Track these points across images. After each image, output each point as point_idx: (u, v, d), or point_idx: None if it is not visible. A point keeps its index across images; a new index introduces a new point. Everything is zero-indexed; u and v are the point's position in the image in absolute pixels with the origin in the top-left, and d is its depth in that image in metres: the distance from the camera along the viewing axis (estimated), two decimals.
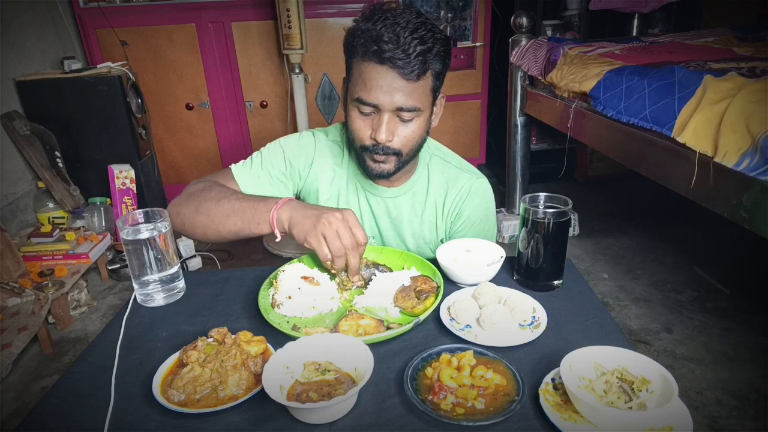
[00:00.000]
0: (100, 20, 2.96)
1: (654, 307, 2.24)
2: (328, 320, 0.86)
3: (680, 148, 1.46)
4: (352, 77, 0.96)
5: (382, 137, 0.95)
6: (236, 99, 3.34)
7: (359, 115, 0.98)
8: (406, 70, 0.90)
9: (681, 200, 1.61)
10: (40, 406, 0.70)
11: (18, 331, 1.89)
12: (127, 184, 2.73)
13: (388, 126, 0.95)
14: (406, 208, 1.13)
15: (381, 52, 0.89)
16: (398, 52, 0.88)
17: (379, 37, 0.89)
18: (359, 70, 0.94)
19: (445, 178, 1.14)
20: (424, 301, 0.85)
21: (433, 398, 0.66)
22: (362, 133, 0.98)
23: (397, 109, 0.94)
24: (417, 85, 0.93)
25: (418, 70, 0.90)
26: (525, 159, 2.91)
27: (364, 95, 0.93)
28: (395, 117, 0.96)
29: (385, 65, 0.90)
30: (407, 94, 0.93)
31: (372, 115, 0.96)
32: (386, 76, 0.91)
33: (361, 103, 0.95)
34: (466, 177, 1.13)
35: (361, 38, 0.91)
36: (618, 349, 0.68)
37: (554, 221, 0.88)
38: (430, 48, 0.91)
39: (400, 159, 1.01)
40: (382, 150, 0.98)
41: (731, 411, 1.68)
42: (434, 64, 0.93)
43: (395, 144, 0.98)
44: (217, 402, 0.67)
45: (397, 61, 0.89)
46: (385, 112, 0.94)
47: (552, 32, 3.23)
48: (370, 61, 0.91)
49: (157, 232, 0.90)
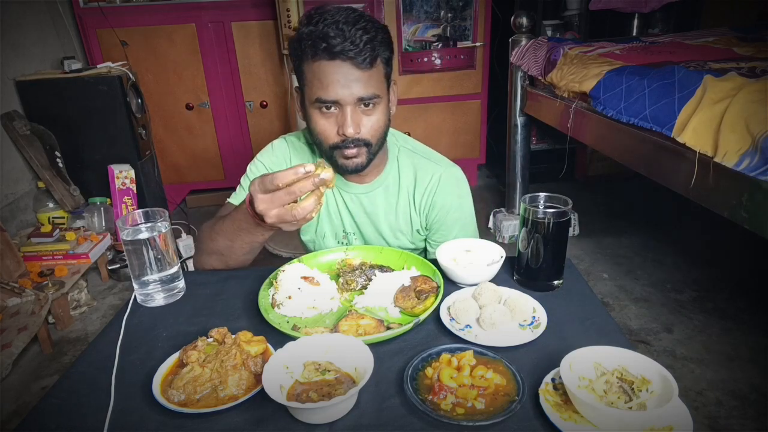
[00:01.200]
0: (100, 20, 2.97)
1: (654, 307, 2.24)
2: (328, 320, 0.86)
3: (680, 148, 1.46)
4: (306, 81, 0.98)
5: (350, 131, 0.96)
6: (236, 99, 3.34)
7: (321, 116, 0.99)
8: (358, 59, 0.92)
9: (681, 200, 1.61)
10: (40, 406, 0.70)
11: (18, 331, 1.89)
12: (127, 184, 2.73)
13: (353, 118, 0.96)
14: (380, 202, 1.15)
15: (331, 48, 0.91)
16: (347, 44, 0.91)
17: (326, 35, 0.91)
18: (312, 72, 0.95)
19: (414, 169, 1.15)
20: (424, 301, 0.85)
21: (433, 398, 0.66)
22: (328, 132, 0.99)
23: (358, 101, 0.96)
24: (371, 72, 0.95)
25: (369, 57, 0.93)
26: (525, 159, 2.91)
27: (322, 94, 0.95)
28: (357, 109, 0.97)
29: (337, 60, 0.92)
30: (365, 83, 0.95)
31: (334, 112, 0.98)
32: (340, 70, 0.93)
33: (322, 102, 0.96)
34: (433, 167, 1.15)
35: (308, 40, 0.93)
36: (618, 349, 0.68)
37: (554, 221, 0.88)
38: (375, 36, 0.94)
39: (370, 150, 1.02)
40: (352, 143, 0.99)
41: (731, 411, 1.67)
42: (382, 50, 0.96)
43: (364, 134, 0.99)
44: (217, 402, 0.67)
45: (348, 52, 0.91)
46: (347, 105, 0.95)
47: (552, 32, 3.23)
48: (321, 59, 0.93)
49: (157, 232, 0.90)
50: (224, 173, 3.52)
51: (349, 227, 1.18)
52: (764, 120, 1.23)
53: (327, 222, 1.18)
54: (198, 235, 1.11)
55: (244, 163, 3.70)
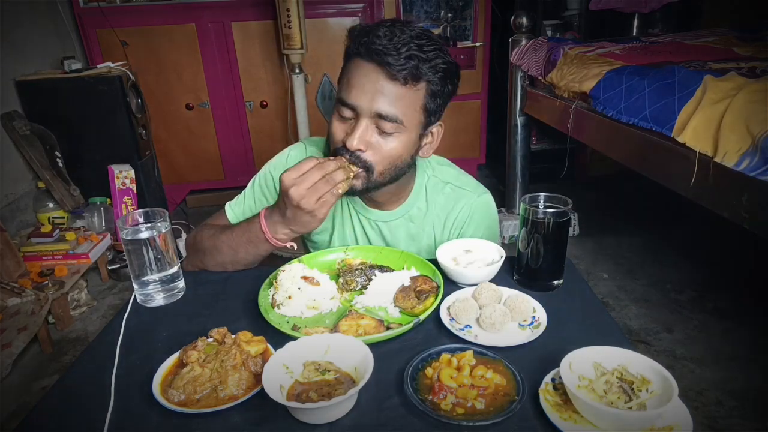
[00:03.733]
0: (100, 20, 2.97)
1: (654, 307, 2.24)
2: (327, 320, 0.86)
3: (680, 148, 1.46)
4: (341, 77, 0.91)
5: (352, 143, 0.87)
6: (236, 99, 3.34)
7: (338, 120, 0.91)
8: (394, 68, 0.83)
9: (681, 200, 1.61)
10: (40, 406, 0.70)
11: (18, 331, 1.89)
12: (127, 184, 2.73)
13: (362, 133, 0.87)
14: (401, 233, 1.08)
15: (370, 44, 0.83)
16: (389, 47, 0.83)
17: (373, 32, 0.84)
18: (347, 68, 0.89)
19: (445, 200, 1.07)
20: (424, 301, 0.84)
21: (433, 398, 0.66)
22: (337, 136, 0.91)
23: (376, 115, 0.87)
24: (404, 91, 0.86)
25: (406, 72, 0.84)
26: (525, 159, 2.91)
27: (344, 95, 0.88)
28: (373, 126, 0.88)
29: (372, 62, 0.85)
30: (391, 100, 0.85)
31: (351, 120, 0.90)
32: (371, 75, 0.85)
33: (341, 103, 0.89)
34: (466, 198, 1.07)
35: (355, 33, 0.87)
36: (618, 349, 0.68)
37: (554, 221, 0.88)
38: (429, 58, 0.85)
39: (370, 176, 0.91)
40: (350, 158, 0.89)
41: (731, 411, 1.67)
42: (430, 76, 0.86)
43: (367, 155, 0.89)
44: (217, 402, 0.67)
45: (385, 56, 0.83)
46: (364, 117, 0.87)
47: (552, 32, 3.23)
48: (358, 57, 0.87)
49: (157, 232, 0.90)
50: (224, 173, 3.52)
51: None
52: (764, 120, 1.23)
53: (341, 244, 1.10)
54: (189, 242, 1.06)
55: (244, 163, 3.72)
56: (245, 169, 3.48)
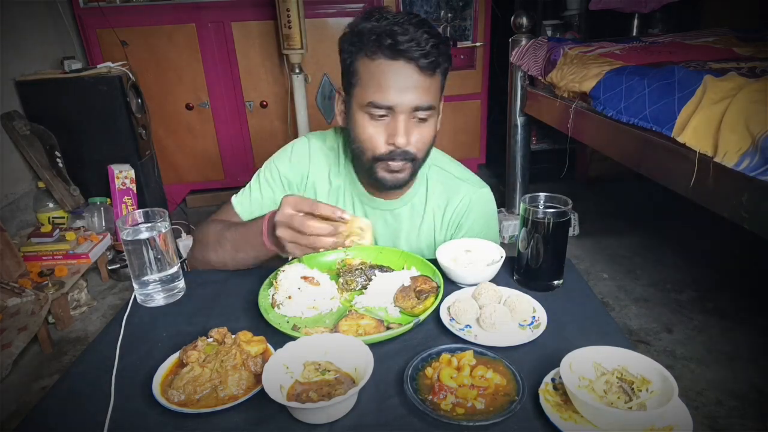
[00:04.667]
0: (100, 20, 2.97)
1: (654, 307, 2.24)
2: (328, 320, 0.86)
3: (680, 148, 1.46)
4: (360, 81, 0.91)
5: (401, 141, 0.90)
6: (236, 99, 3.34)
7: (371, 122, 0.92)
8: (421, 62, 0.86)
9: (681, 200, 1.61)
10: (40, 406, 0.70)
11: (18, 331, 1.89)
12: (127, 184, 2.73)
13: (406, 128, 0.90)
14: (404, 220, 1.10)
15: (396, 45, 0.85)
16: (413, 45, 0.85)
17: (392, 32, 0.85)
18: (369, 71, 0.89)
19: (445, 189, 1.09)
20: (424, 301, 0.84)
21: (433, 398, 0.66)
22: (376, 141, 0.92)
23: (413, 110, 0.90)
24: (432, 81, 0.90)
25: (433, 63, 0.88)
26: (525, 159, 2.91)
27: (378, 98, 0.89)
28: (411, 118, 0.91)
29: (399, 60, 0.86)
30: (423, 91, 0.89)
31: (385, 119, 0.91)
32: (401, 73, 0.87)
33: (375, 107, 0.89)
34: (466, 188, 1.09)
35: (371, 35, 0.87)
36: (618, 349, 0.68)
37: (554, 221, 0.88)
38: (438, 43, 0.88)
39: (415, 165, 0.96)
40: (399, 156, 0.92)
41: (731, 411, 1.67)
42: (443, 60, 0.90)
43: (411, 148, 0.93)
44: (217, 402, 0.67)
45: (413, 52, 0.85)
46: (401, 114, 0.90)
47: (552, 32, 3.23)
48: (382, 58, 0.87)
49: (157, 232, 0.90)
50: (224, 173, 3.52)
51: None
52: (764, 120, 1.23)
53: None
54: (196, 235, 1.07)
55: (244, 163, 3.71)
56: (245, 169, 3.49)
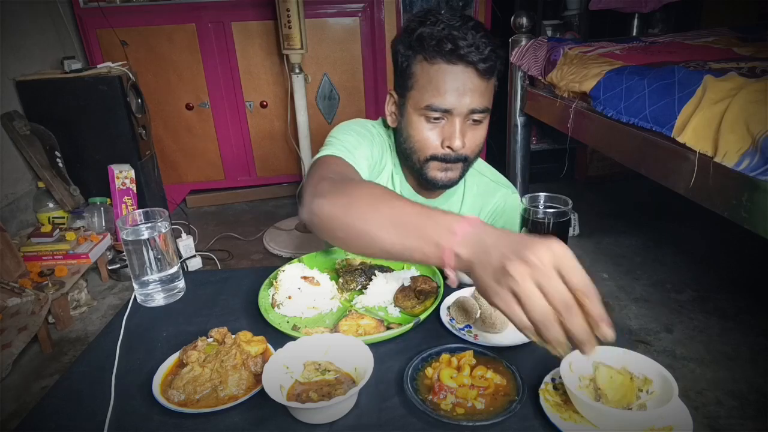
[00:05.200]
0: (100, 20, 2.96)
1: (654, 307, 2.24)
2: (328, 320, 0.86)
3: (680, 148, 1.46)
4: (417, 84, 0.92)
5: (458, 144, 0.92)
6: (236, 99, 3.34)
7: (427, 124, 0.93)
8: (480, 66, 0.88)
9: (681, 200, 1.61)
10: (40, 406, 0.70)
11: (18, 331, 1.89)
12: (127, 184, 2.73)
13: (461, 131, 0.92)
14: None
15: (457, 50, 0.86)
16: (472, 50, 0.87)
17: (453, 37, 0.86)
18: (427, 75, 0.90)
19: (481, 191, 1.13)
20: (424, 301, 0.85)
21: (433, 398, 0.66)
22: (431, 142, 0.94)
23: (469, 113, 0.92)
24: (488, 84, 0.92)
25: (491, 68, 0.90)
26: (525, 159, 2.91)
27: (436, 101, 0.90)
28: (466, 121, 0.93)
29: (459, 65, 0.88)
30: (480, 95, 0.91)
31: (441, 122, 0.93)
32: (460, 77, 0.89)
33: (433, 110, 0.91)
34: (502, 192, 1.13)
35: (431, 40, 0.88)
36: (618, 349, 0.68)
37: (554, 221, 0.88)
38: (496, 47, 0.90)
39: (466, 165, 0.98)
40: (453, 158, 0.94)
41: (731, 411, 1.67)
42: (499, 63, 0.92)
43: (465, 150, 0.95)
44: (217, 402, 0.67)
45: (472, 56, 0.87)
46: (457, 116, 0.91)
47: (552, 32, 3.23)
48: (440, 62, 0.88)
49: (157, 232, 0.90)
50: (224, 173, 3.52)
51: None
52: (764, 120, 1.23)
53: None
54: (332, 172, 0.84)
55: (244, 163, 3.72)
56: (245, 169, 3.49)
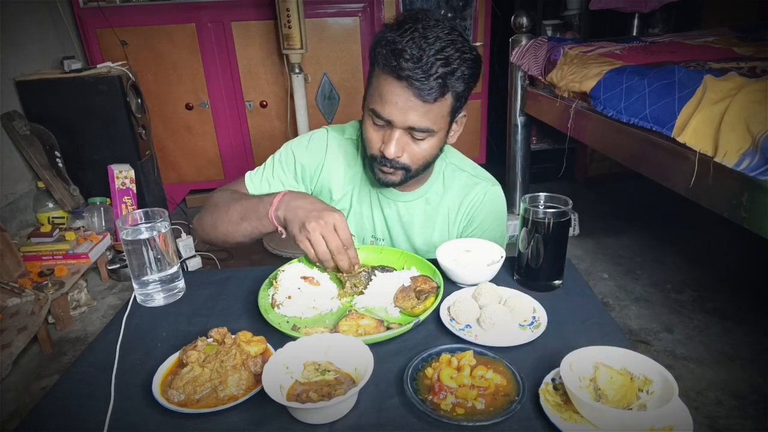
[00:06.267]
0: (100, 20, 2.96)
1: (654, 307, 2.24)
2: (328, 320, 0.86)
3: (680, 148, 1.46)
4: (371, 86, 0.95)
5: (390, 152, 0.94)
6: (236, 99, 3.34)
7: (372, 125, 0.97)
8: (423, 92, 0.88)
9: (681, 200, 1.61)
10: (40, 406, 0.70)
11: (18, 331, 1.89)
12: (127, 184, 2.73)
13: (397, 142, 0.94)
14: (417, 214, 1.12)
15: (400, 69, 0.87)
16: (418, 72, 0.86)
17: (401, 53, 0.86)
18: (378, 81, 0.92)
19: (461, 185, 1.13)
20: (424, 301, 0.84)
21: (433, 398, 0.66)
22: (373, 144, 0.98)
23: (409, 128, 0.93)
24: (433, 106, 0.91)
25: (435, 93, 0.88)
26: (525, 159, 2.91)
27: (378, 108, 0.92)
28: (407, 134, 0.94)
29: (402, 81, 0.88)
30: (422, 115, 0.91)
31: (384, 127, 0.95)
32: (402, 94, 0.89)
33: (375, 115, 0.94)
34: (482, 185, 1.13)
35: (385, 49, 0.89)
36: (618, 349, 0.68)
37: (554, 221, 0.88)
38: (454, 70, 0.88)
39: (408, 173, 1.00)
40: (389, 164, 0.97)
41: (731, 411, 1.67)
42: (456, 85, 0.91)
43: (404, 160, 0.97)
44: (216, 402, 0.67)
45: (414, 81, 0.87)
46: (397, 128, 0.93)
47: (552, 32, 3.23)
48: (389, 75, 0.89)
49: (157, 232, 0.90)
50: (224, 173, 3.52)
51: (380, 233, 1.15)
52: (764, 120, 1.23)
53: (356, 224, 1.15)
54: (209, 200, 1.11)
55: (244, 163, 3.71)
56: (245, 168, 3.41)
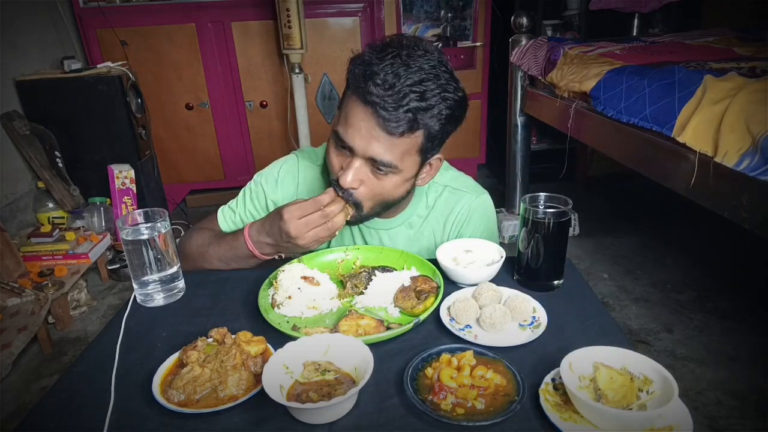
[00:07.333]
0: (100, 20, 2.96)
1: (654, 307, 2.24)
2: (327, 320, 0.86)
3: (680, 148, 1.46)
4: (341, 105, 0.89)
5: (345, 181, 0.87)
6: (236, 99, 3.34)
7: (335, 148, 0.90)
8: (389, 122, 0.80)
9: (681, 200, 1.61)
10: (40, 406, 0.70)
11: (18, 331, 1.89)
12: (127, 184, 2.73)
13: (356, 172, 0.87)
14: (401, 239, 1.09)
15: (367, 93, 0.79)
16: (387, 100, 0.79)
17: (372, 76, 0.79)
18: (347, 102, 0.86)
19: (444, 204, 1.08)
20: (424, 301, 0.84)
21: (433, 398, 0.66)
22: (333, 167, 0.91)
23: (370, 159, 0.85)
24: (399, 141, 0.83)
25: (403, 127, 0.81)
26: (525, 159, 2.91)
27: (341, 131, 0.86)
28: (368, 164, 0.87)
29: (368, 108, 0.81)
30: (385, 148, 0.83)
31: (346, 153, 0.88)
32: (367, 120, 0.82)
33: (337, 138, 0.87)
34: (466, 199, 1.08)
35: (358, 68, 0.82)
36: (618, 349, 0.68)
37: (554, 221, 0.88)
38: (430, 107, 0.81)
39: (359, 212, 0.92)
40: (343, 193, 0.89)
41: (731, 411, 1.67)
42: (430, 124, 0.83)
43: (359, 193, 0.90)
44: (216, 402, 0.67)
45: (380, 109, 0.79)
46: (358, 157, 0.86)
47: (552, 32, 3.23)
48: (356, 96, 0.82)
49: (157, 232, 0.90)
50: (224, 173, 3.52)
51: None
52: (764, 120, 1.23)
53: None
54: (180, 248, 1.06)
55: (244, 163, 3.72)
56: (245, 169, 3.48)
